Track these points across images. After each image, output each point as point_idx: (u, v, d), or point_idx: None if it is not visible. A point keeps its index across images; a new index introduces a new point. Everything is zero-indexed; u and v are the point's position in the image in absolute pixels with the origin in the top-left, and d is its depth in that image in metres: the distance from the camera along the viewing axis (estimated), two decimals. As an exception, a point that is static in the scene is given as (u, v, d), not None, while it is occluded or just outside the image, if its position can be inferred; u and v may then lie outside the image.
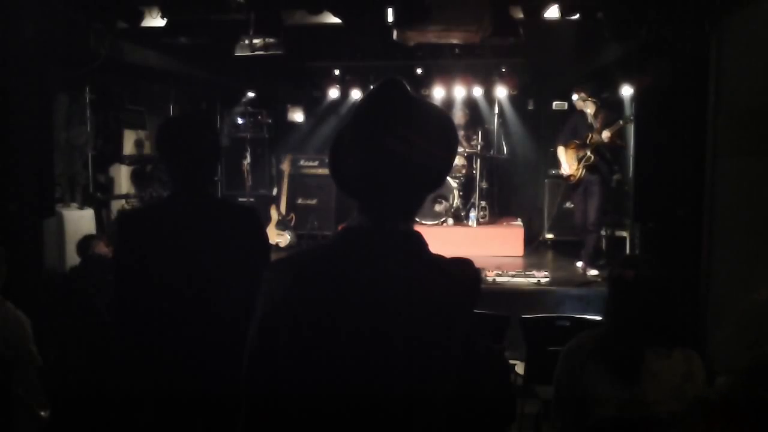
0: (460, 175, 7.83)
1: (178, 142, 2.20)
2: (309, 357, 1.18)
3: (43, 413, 2.95)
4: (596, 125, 6.24)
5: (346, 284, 1.19)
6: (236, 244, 2.16)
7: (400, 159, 1.19)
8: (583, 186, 6.32)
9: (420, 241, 1.26)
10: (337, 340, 1.18)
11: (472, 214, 7.66)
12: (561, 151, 6.44)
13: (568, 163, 6.38)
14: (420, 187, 1.26)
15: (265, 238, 2.37)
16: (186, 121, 2.37)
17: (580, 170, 6.29)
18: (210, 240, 2.14)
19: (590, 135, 6.24)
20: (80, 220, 5.68)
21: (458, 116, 8.20)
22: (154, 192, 7.22)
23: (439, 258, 1.27)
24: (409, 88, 1.25)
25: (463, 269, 1.28)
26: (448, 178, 7.61)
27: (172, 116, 3.62)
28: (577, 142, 6.34)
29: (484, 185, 8.06)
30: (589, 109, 6.31)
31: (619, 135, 6.21)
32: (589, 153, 6.23)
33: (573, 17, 5.05)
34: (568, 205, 7.41)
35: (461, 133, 7.94)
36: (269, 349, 1.21)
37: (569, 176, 6.38)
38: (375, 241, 1.22)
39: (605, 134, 6.11)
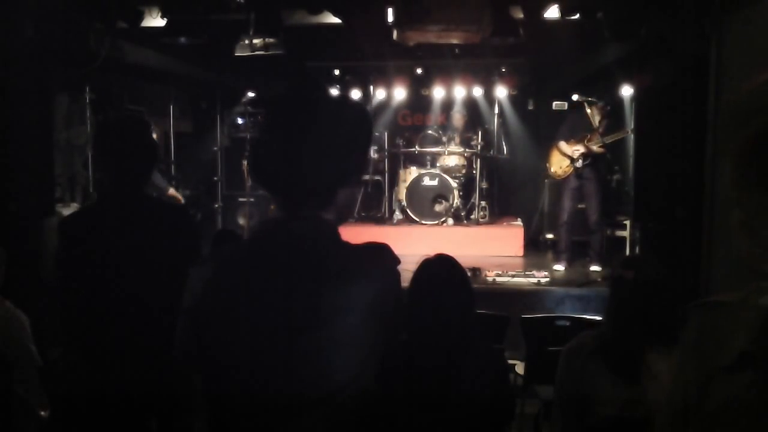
0: (460, 175, 7.83)
1: (112, 145, 2.27)
2: (229, 345, 1.23)
3: (43, 413, 2.95)
4: (599, 129, 6.30)
5: (261, 272, 1.24)
6: (167, 243, 2.23)
7: (309, 154, 1.25)
8: (576, 185, 6.42)
9: (332, 229, 1.30)
10: (253, 328, 1.21)
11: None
12: (560, 148, 6.51)
13: (557, 160, 6.51)
14: (331, 179, 1.29)
15: (195, 235, 2.43)
16: (121, 124, 2.43)
17: (568, 168, 6.40)
18: (142, 239, 2.20)
19: (588, 136, 6.30)
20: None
21: (456, 118, 8.21)
22: (154, 191, 7.21)
23: (353, 245, 1.31)
24: (320, 86, 1.30)
25: (378, 253, 1.32)
26: (448, 178, 7.62)
27: (108, 119, 3.72)
28: (572, 141, 6.40)
29: (484, 185, 8.06)
30: (596, 114, 6.36)
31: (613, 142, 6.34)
32: (581, 153, 6.31)
33: (573, 17, 5.05)
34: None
35: (456, 137, 7.94)
36: (193, 339, 1.27)
37: (554, 173, 6.54)
38: (288, 229, 1.27)
39: (600, 142, 6.24)
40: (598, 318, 3.40)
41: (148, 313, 2.18)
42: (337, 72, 8.42)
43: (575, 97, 6.53)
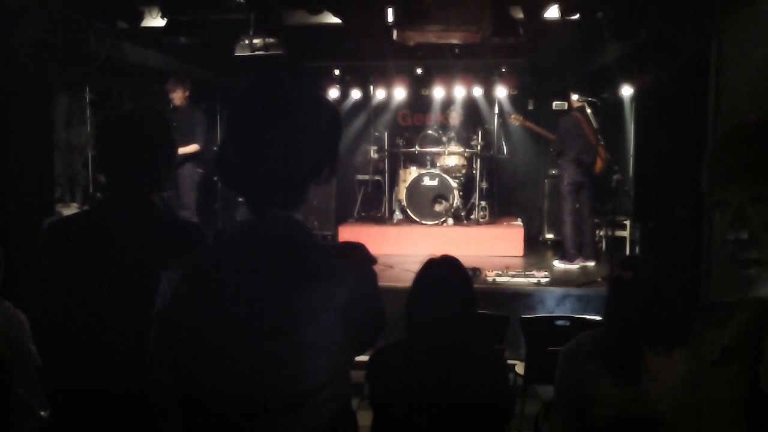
0: (460, 175, 7.83)
1: (114, 142, 1.89)
2: (201, 349, 1.20)
3: (43, 413, 2.95)
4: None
5: (232, 274, 1.21)
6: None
7: (273, 152, 1.22)
8: None
9: (304, 228, 1.28)
10: (225, 331, 1.19)
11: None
12: None
13: None
14: (300, 177, 1.26)
15: None
16: (128, 117, 1.98)
17: None
18: (139, 255, 1.79)
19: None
20: (80, 220, 5.66)
21: (453, 116, 8.22)
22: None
23: (327, 244, 1.28)
24: (285, 82, 1.27)
25: (353, 253, 1.29)
26: (448, 178, 7.62)
27: (114, 112, 3.13)
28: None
29: (484, 185, 8.06)
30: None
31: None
32: None
33: (573, 17, 5.06)
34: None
35: (454, 134, 7.94)
36: (164, 345, 1.24)
37: None
38: (259, 230, 1.25)
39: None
40: (598, 318, 3.40)
41: (139, 333, 1.88)
42: (337, 72, 8.43)
43: (575, 97, 6.54)
